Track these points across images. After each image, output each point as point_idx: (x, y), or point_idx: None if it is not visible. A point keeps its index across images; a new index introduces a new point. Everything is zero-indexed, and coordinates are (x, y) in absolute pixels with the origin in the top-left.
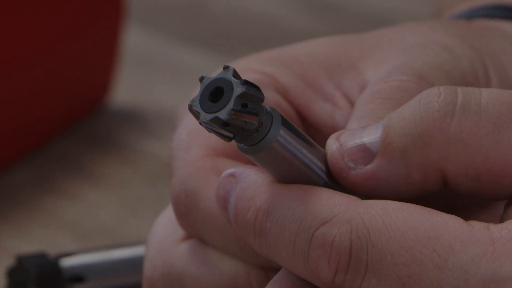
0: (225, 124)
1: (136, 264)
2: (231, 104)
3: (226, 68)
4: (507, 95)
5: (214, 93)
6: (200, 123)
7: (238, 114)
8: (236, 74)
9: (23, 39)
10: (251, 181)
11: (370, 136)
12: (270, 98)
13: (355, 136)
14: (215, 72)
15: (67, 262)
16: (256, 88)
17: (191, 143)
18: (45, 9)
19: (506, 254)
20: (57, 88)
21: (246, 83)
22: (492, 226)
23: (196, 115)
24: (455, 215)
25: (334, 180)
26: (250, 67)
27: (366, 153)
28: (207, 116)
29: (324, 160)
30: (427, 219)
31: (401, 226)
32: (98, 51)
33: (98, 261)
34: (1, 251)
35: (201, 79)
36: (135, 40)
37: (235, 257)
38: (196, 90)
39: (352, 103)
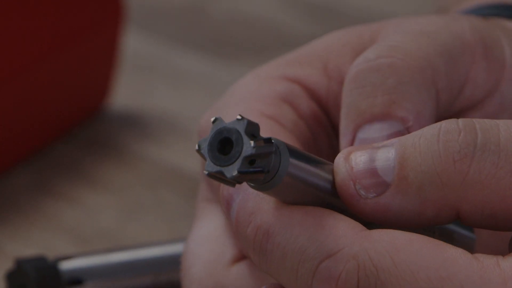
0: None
1: (135, 267)
2: (237, 165)
3: (240, 119)
4: None
5: (224, 141)
6: (204, 172)
7: (243, 175)
8: (248, 129)
9: (23, 43)
10: (253, 193)
11: (383, 162)
12: (306, 108)
13: (366, 159)
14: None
15: (66, 266)
16: (267, 143)
17: None
18: (44, 14)
19: None
20: (56, 92)
21: (257, 143)
22: (501, 262)
23: (203, 159)
24: None
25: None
26: (274, 74)
27: (378, 180)
28: (213, 168)
29: (331, 175)
30: (437, 256)
31: (411, 264)
32: (98, 55)
33: (97, 264)
34: (0, 255)
35: (214, 120)
36: (135, 44)
37: None
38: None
39: None
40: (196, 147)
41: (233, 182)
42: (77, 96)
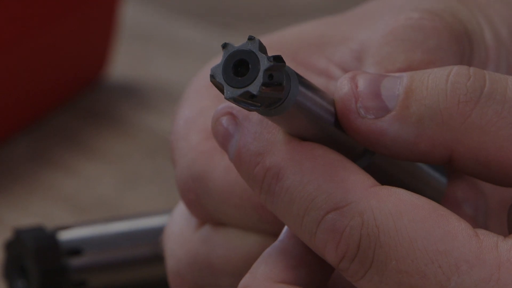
0: (253, 97)
1: (133, 237)
2: (260, 79)
3: (251, 39)
4: None
5: (237, 65)
6: (226, 98)
7: (267, 88)
8: (261, 47)
9: (21, 12)
10: (258, 132)
11: (389, 89)
12: None
13: (372, 82)
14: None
15: (65, 235)
16: (280, 58)
17: (189, 130)
18: None
19: (510, 284)
20: (55, 62)
21: (273, 57)
22: (500, 244)
23: (219, 87)
24: None
25: (341, 127)
26: None
27: (380, 104)
28: (235, 91)
29: (333, 105)
30: (439, 228)
31: (411, 232)
32: (96, 24)
33: (95, 234)
34: None
35: (224, 46)
36: (133, 14)
37: (255, 231)
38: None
39: (347, 71)
40: (210, 77)
41: (256, 102)
42: (75, 66)
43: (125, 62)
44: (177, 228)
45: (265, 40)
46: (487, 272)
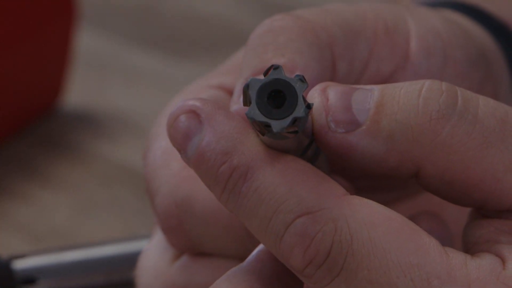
0: (269, 127)
1: (88, 266)
2: (286, 122)
3: (302, 81)
4: (502, 111)
5: (276, 91)
6: (247, 115)
7: (284, 134)
8: (304, 92)
9: None
10: (225, 131)
11: (359, 102)
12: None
13: (343, 95)
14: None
15: (19, 264)
16: (309, 109)
17: (169, 159)
18: None
19: None
20: (9, 90)
21: (308, 107)
22: (469, 262)
23: (247, 101)
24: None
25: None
26: (200, 86)
27: (350, 118)
28: (258, 116)
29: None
30: (412, 241)
31: (385, 244)
32: (51, 52)
33: (50, 263)
34: None
35: (276, 67)
36: (88, 42)
37: (240, 258)
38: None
39: None
40: (245, 85)
41: (266, 132)
42: (30, 94)
43: (80, 90)
44: (151, 262)
45: (220, 67)
46: None
